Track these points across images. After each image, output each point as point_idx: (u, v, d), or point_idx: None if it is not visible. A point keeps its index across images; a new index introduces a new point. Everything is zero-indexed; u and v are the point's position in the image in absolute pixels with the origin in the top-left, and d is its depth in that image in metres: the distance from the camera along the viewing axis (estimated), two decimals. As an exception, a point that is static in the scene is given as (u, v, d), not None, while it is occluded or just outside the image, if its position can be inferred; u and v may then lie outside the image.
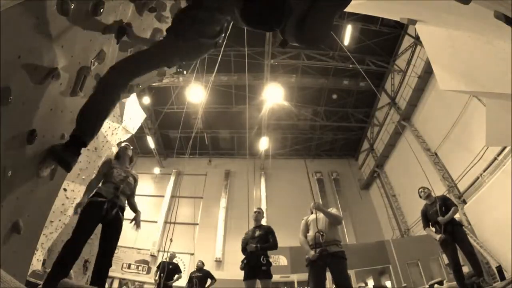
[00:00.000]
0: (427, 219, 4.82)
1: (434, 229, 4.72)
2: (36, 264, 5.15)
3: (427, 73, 11.36)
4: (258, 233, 4.46)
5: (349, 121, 16.32)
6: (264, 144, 15.15)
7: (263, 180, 16.69)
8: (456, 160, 10.46)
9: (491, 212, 8.45)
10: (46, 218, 2.22)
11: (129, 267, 13.38)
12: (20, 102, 1.46)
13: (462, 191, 10.23)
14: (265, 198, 15.85)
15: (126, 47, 2.52)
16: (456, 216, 4.92)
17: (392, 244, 10.55)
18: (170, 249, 7.09)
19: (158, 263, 7.54)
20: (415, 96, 12.49)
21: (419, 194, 5.02)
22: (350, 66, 12.80)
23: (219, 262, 13.75)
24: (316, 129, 17.12)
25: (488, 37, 2.86)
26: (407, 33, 12.44)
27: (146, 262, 13.56)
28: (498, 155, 8.57)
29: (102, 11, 1.95)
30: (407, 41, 12.70)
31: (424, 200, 4.95)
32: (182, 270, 7.77)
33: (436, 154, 11.56)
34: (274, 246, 4.36)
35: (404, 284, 9.06)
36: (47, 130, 1.76)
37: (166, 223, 14.60)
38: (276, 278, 6.29)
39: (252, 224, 4.78)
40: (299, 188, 14.59)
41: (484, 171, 9.10)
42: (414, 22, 3.65)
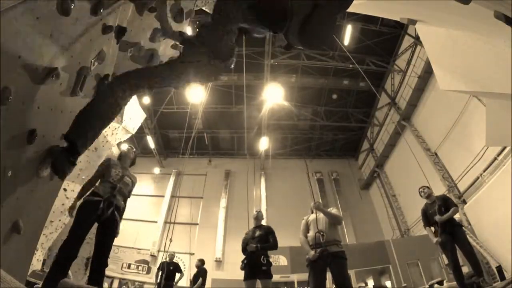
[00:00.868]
0: (427, 218, 4.81)
1: (434, 229, 4.71)
2: (36, 264, 5.15)
3: (427, 73, 11.35)
4: (258, 233, 4.47)
5: (349, 121, 16.32)
6: (264, 144, 15.14)
7: (263, 180, 16.68)
8: (456, 160, 10.45)
9: (491, 212, 8.44)
10: (46, 218, 2.22)
11: (129, 267, 13.37)
12: (20, 102, 1.46)
13: (462, 191, 10.22)
14: (265, 198, 15.84)
15: (126, 47, 2.52)
16: (456, 216, 4.92)
17: (392, 244, 10.54)
18: (170, 249, 7.09)
19: (159, 265, 7.51)
20: (415, 96, 12.48)
21: (420, 193, 5.01)
22: (350, 66, 12.79)
23: (219, 262, 13.75)
24: (316, 129, 17.12)
25: (488, 37, 2.86)
26: (407, 33, 12.43)
27: (146, 262, 13.55)
28: (498, 155, 8.56)
29: (102, 11, 1.95)
30: (407, 41, 12.70)
31: (424, 199, 4.95)
32: (182, 270, 7.78)
33: (436, 154, 11.55)
34: (274, 246, 4.37)
35: (404, 284, 9.05)
36: (47, 130, 1.76)
37: (166, 223, 14.56)
38: (276, 278, 6.27)
39: (252, 224, 4.79)
40: (299, 188, 14.63)
41: (484, 171, 9.09)
42: (414, 22, 3.65)
